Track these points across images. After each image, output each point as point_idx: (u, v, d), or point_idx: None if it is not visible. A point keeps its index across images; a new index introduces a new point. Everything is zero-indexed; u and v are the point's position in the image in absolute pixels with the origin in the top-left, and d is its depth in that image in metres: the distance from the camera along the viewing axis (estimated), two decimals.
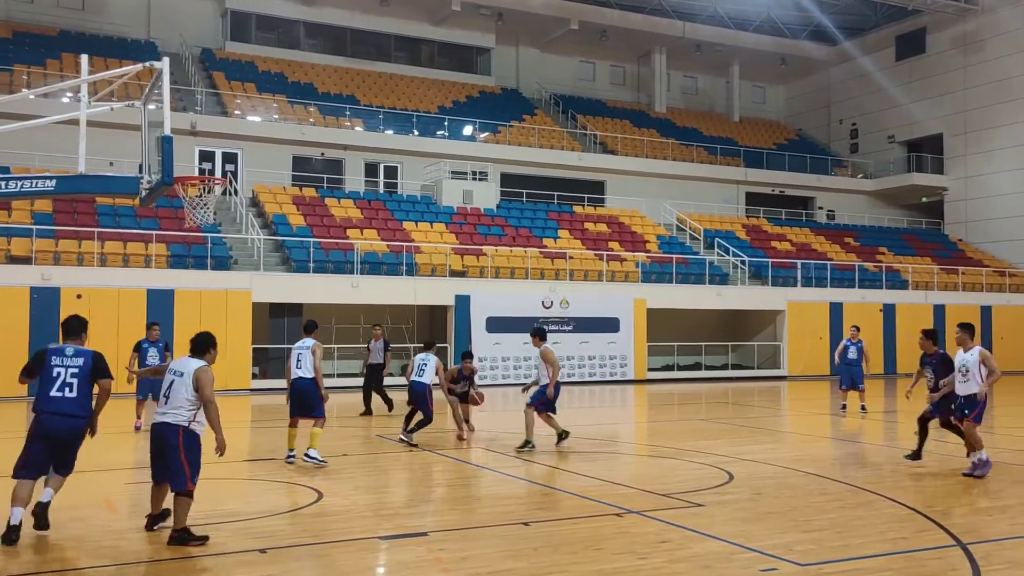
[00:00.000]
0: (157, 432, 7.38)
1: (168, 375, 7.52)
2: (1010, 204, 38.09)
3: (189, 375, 7.37)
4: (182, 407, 7.33)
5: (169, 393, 7.39)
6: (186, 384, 7.35)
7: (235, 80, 33.29)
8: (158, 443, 7.36)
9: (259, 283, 23.01)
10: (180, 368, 7.47)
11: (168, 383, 7.44)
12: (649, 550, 7.12)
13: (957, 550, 7.11)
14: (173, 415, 7.32)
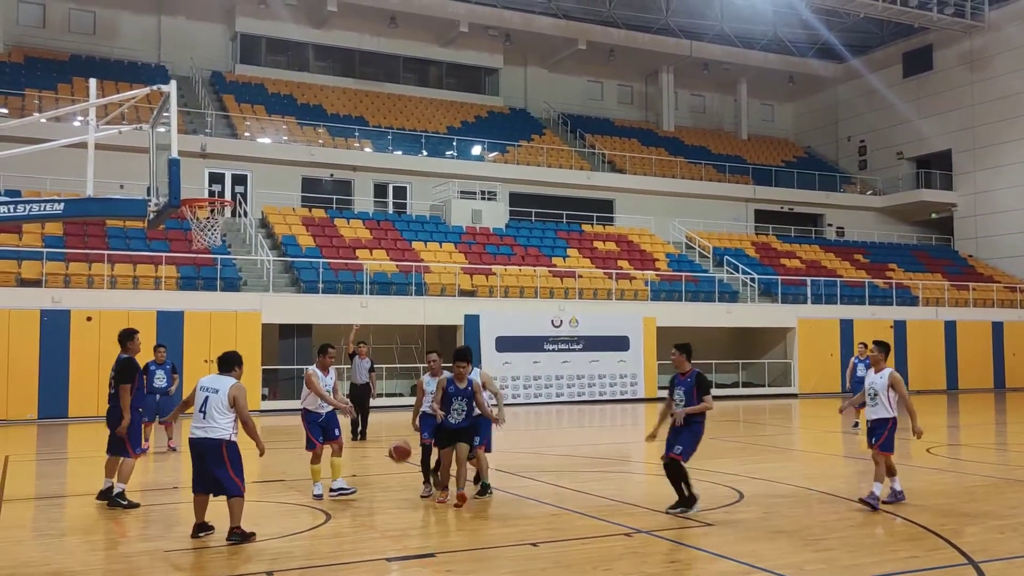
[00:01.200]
0: (199, 446, 7.95)
1: (201, 392, 8.05)
2: (1020, 220, 37.92)
3: (224, 392, 7.98)
4: (220, 421, 7.94)
5: (205, 409, 7.97)
6: (221, 400, 7.96)
7: (245, 102, 33.56)
8: (201, 456, 7.96)
9: (269, 304, 23.07)
10: (214, 385, 8.07)
11: (203, 399, 8.00)
12: (659, 570, 7.07)
13: (969, 569, 7.03)
14: (213, 429, 7.92)
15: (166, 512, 9.81)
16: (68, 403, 20.57)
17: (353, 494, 10.34)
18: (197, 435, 7.96)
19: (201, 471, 7.99)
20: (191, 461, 8.09)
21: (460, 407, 9.64)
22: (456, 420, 9.65)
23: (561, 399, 25.95)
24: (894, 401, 9.79)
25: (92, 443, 17.10)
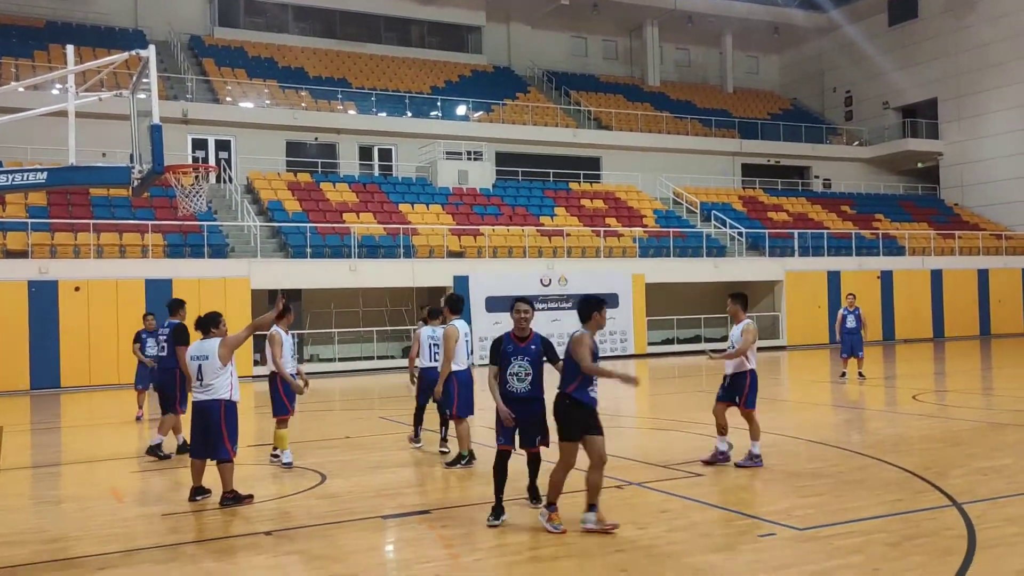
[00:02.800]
0: (199, 409, 8.09)
1: (193, 362, 8.18)
2: (1005, 167, 38.03)
3: (213, 355, 8.08)
4: (215, 383, 8.06)
5: (201, 375, 8.11)
6: (213, 364, 8.08)
7: (225, 66, 33.14)
8: (201, 420, 8.08)
9: (257, 270, 23.03)
10: (202, 353, 8.16)
11: (197, 368, 8.13)
12: (649, 520, 7.20)
13: (953, 510, 7.19)
14: (213, 391, 8.07)
15: (163, 477, 9.90)
16: (60, 373, 20.58)
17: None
18: (200, 399, 8.13)
19: (200, 435, 8.09)
20: (191, 426, 8.21)
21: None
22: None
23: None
24: (752, 355, 9.48)
25: (85, 412, 17.16)
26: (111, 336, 20.82)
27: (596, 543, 6.52)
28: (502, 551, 6.41)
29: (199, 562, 6.40)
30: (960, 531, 6.54)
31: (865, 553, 6.07)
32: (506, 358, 7.23)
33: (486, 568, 6.02)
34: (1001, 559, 5.86)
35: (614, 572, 5.83)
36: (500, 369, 7.26)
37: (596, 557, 6.18)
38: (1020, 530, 6.55)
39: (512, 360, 7.22)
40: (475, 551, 6.44)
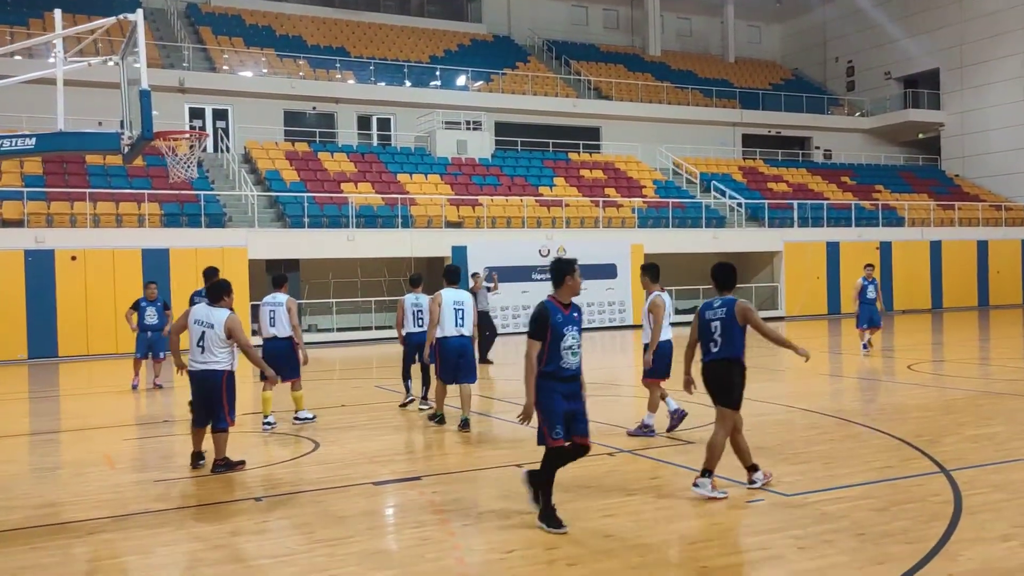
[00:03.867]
0: (200, 378, 8.03)
1: (197, 327, 8.07)
2: (1006, 138, 37.81)
3: (220, 326, 8.01)
4: (219, 354, 8.03)
5: (203, 343, 8.03)
6: (218, 334, 8.01)
7: (222, 35, 32.87)
8: (202, 389, 8.04)
9: (254, 239, 22.99)
10: (208, 319, 8.05)
11: (199, 334, 8.04)
12: (639, 487, 7.24)
13: (941, 477, 7.22)
14: (214, 362, 8.01)
15: (157, 445, 9.95)
16: (57, 343, 20.62)
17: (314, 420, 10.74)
18: (197, 368, 8.05)
19: (202, 403, 8.09)
20: (192, 394, 8.18)
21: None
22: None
23: None
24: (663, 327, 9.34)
25: (82, 381, 17.23)
26: (108, 305, 20.82)
27: (583, 508, 6.56)
28: (492, 517, 6.45)
29: (189, 527, 6.44)
30: (947, 497, 6.57)
31: (851, 518, 6.10)
32: (557, 329, 6.19)
33: (475, 533, 6.06)
34: (986, 524, 5.89)
35: (601, 537, 5.87)
36: (549, 344, 6.22)
37: (584, 522, 6.21)
38: (1006, 496, 6.58)
39: (565, 332, 6.26)
40: (465, 517, 6.47)
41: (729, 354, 6.86)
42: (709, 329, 6.95)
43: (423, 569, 5.38)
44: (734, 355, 6.87)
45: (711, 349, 6.94)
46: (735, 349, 6.85)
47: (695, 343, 7.21)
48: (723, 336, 6.85)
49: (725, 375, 6.88)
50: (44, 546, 6.02)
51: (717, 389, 6.94)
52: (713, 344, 6.91)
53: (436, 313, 10.04)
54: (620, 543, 5.73)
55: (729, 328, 6.85)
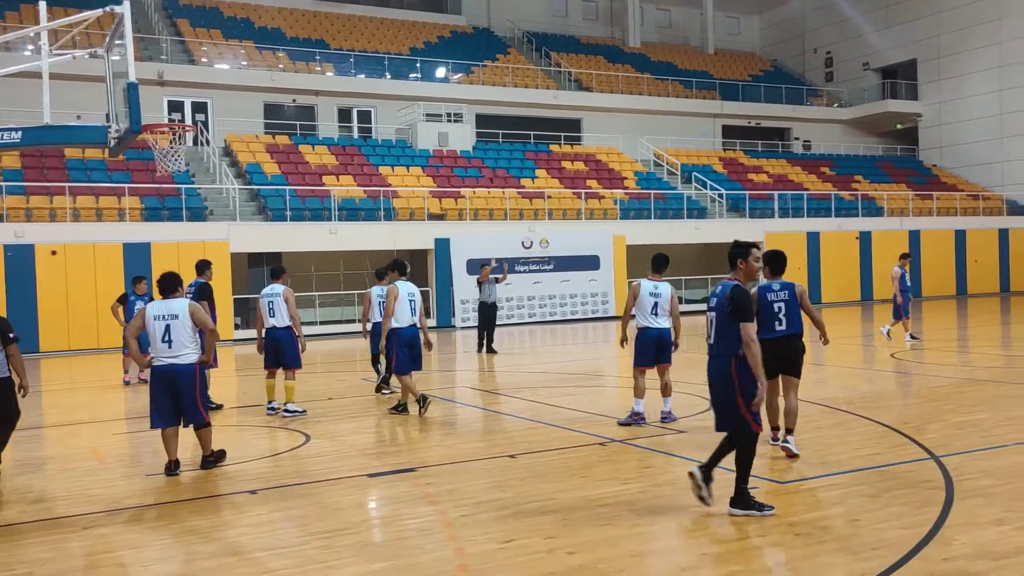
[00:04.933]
0: (168, 375, 7.64)
1: (158, 323, 7.66)
2: (982, 128, 38.23)
3: (185, 315, 7.68)
4: (188, 347, 7.69)
5: (170, 337, 7.63)
6: (185, 324, 7.67)
7: (200, 27, 32.57)
8: (171, 386, 7.66)
9: (236, 233, 22.84)
10: (170, 312, 7.69)
11: (163, 329, 7.64)
12: (633, 475, 7.28)
13: (931, 462, 7.32)
14: (183, 356, 7.67)
15: (145, 440, 9.88)
16: (38, 338, 20.40)
17: (305, 415, 10.83)
18: (166, 363, 7.64)
19: (169, 401, 7.67)
20: (154, 393, 7.73)
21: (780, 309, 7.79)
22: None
23: (533, 319, 26.18)
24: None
25: (65, 377, 17.07)
26: (89, 300, 20.63)
27: (580, 499, 6.59)
28: (487, 507, 6.46)
29: (185, 520, 6.41)
30: (938, 483, 6.66)
31: (845, 505, 6.17)
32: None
33: (471, 524, 6.07)
34: (978, 509, 5.97)
35: (598, 526, 5.90)
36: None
37: (581, 511, 6.25)
38: (995, 481, 6.68)
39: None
40: (461, 507, 6.48)
41: (794, 330, 7.79)
42: (772, 309, 7.76)
43: (422, 560, 5.38)
44: (797, 331, 7.82)
45: (776, 327, 7.74)
46: (797, 326, 7.79)
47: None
48: (787, 315, 7.75)
49: (793, 349, 7.78)
50: (39, 541, 5.97)
51: (786, 361, 7.79)
52: (778, 323, 7.76)
53: (392, 306, 10.26)
54: (618, 532, 5.76)
55: (792, 308, 7.78)
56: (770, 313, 7.73)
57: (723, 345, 6.10)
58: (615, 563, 5.17)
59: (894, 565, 4.95)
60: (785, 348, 7.71)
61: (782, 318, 7.71)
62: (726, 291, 6.16)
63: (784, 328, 7.73)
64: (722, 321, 6.13)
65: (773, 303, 7.75)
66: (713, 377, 6.16)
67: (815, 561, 5.11)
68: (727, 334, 6.06)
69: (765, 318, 7.70)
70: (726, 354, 6.06)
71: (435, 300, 25.35)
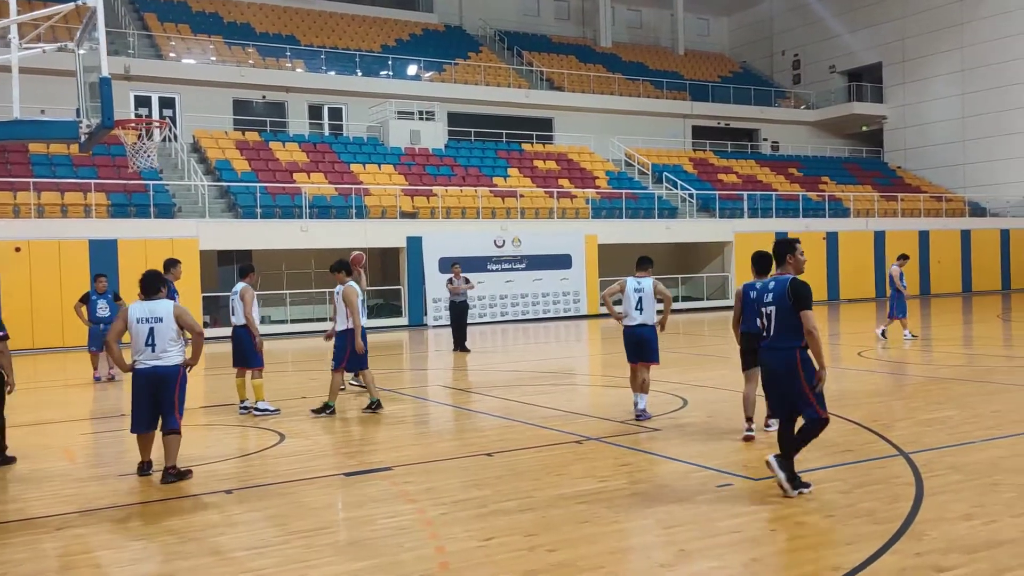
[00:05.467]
0: (153, 378, 7.41)
1: (142, 325, 7.42)
2: (945, 131, 38.92)
3: (169, 318, 7.46)
4: (171, 349, 7.46)
5: (153, 340, 7.40)
6: (169, 327, 7.44)
7: (168, 21, 32.19)
8: (154, 388, 7.43)
9: (205, 230, 22.61)
10: (154, 314, 7.46)
11: (146, 332, 7.40)
12: (610, 473, 7.33)
13: (900, 459, 7.46)
14: (166, 358, 7.44)
15: (115, 439, 9.76)
16: None
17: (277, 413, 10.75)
18: (149, 366, 7.39)
19: (150, 405, 7.45)
20: (137, 395, 7.49)
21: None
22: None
23: (506, 318, 26.21)
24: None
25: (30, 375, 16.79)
26: (54, 298, 20.32)
27: (559, 496, 6.63)
28: (466, 505, 6.48)
29: (160, 521, 6.36)
30: (908, 479, 6.79)
31: (819, 501, 6.27)
32: None
33: (451, 522, 6.09)
34: (947, 504, 6.10)
35: (577, 523, 5.94)
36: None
37: (559, 509, 6.28)
38: (964, 477, 6.82)
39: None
40: (439, 506, 6.49)
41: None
42: (755, 307, 7.85)
43: (402, 559, 5.39)
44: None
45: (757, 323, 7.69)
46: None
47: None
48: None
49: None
50: (12, 542, 5.89)
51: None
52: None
53: (356, 304, 10.39)
54: (598, 529, 5.81)
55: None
56: (751, 310, 8.12)
57: (785, 338, 6.34)
58: (595, 560, 5.22)
59: (868, 559, 5.04)
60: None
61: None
62: (783, 285, 6.37)
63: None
64: (783, 314, 6.34)
65: (754, 302, 8.06)
66: (778, 369, 6.37)
67: (791, 556, 5.19)
68: (789, 326, 6.31)
69: (748, 314, 8.22)
70: (790, 346, 6.31)
71: (407, 299, 25.29)
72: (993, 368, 13.32)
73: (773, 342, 6.42)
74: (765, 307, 6.49)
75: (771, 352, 6.44)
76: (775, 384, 6.45)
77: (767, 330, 6.48)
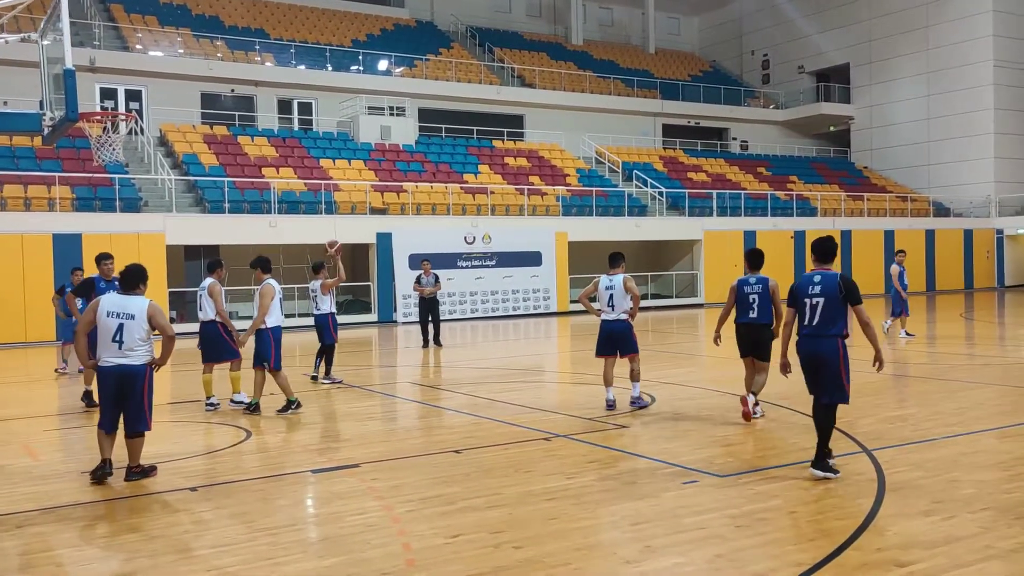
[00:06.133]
0: (118, 376, 7.13)
1: (111, 320, 7.14)
2: (910, 132, 39.49)
3: (142, 316, 7.17)
4: (140, 347, 7.18)
5: (122, 337, 7.12)
6: (140, 326, 7.16)
7: (135, 13, 31.76)
8: (120, 387, 7.15)
9: (172, 225, 22.36)
10: (126, 310, 7.17)
11: (115, 327, 7.12)
12: (578, 470, 7.36)
13: (863, 456, 7.57)
14: (134, 356, 7.16)
15: (79, 436, 9.64)
16: None
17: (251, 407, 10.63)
18: (114, 363, 7.13)
19: (116, 405, 7.21)
20: (104, 393, 7.27)
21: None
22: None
23: (476, 315, 26.20)
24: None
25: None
26: (17, 292, 19.99)
27: (526, 493, 6.65)
28: (434, 502, 6.48)
29: (123, 519, 6.29)
30: (871, 475, 6.89)
31: (783, 497, 6.34)
32: None
33: (418, 519, 6.08)
34: (908, 500, 6.20)
35: (544, 520, 5.96)
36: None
37: (526, 506, 6.30)
38: (925, 474, 6.94)
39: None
40: (407, 503, 6.49)
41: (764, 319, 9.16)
42: (748, 300, 9.10)
43: (369, 556, 5.37)
44: (767, 320, 9.18)
45: (748, 314, 9.14)
46: (767, 316, 9.12)
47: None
48: (759, 306, 9.05)
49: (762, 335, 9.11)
50: None
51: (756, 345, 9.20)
52: (751, 311, 9.14)
53: (267, 306, 10.31)
54: (564, 525, 5.83)
55: (764, 300, 9.10)
56: (745, 303, 9.09)
57: (831, 327, 6.82)
58: (561, 556, 5.24)
59: (831, 555, 5.11)
60: (756, 333, 9.02)
61: (755, 307, 9.00)
62: (833, 280, 6.86)
63: (756, 316, 9.01)
64: (830, 306, 6.81)
65: (749, 295, 9.08)
66: (823, 356, 6.82)
67: (754, 552, 5.24)
68: (836, 317, 6.82)
69: (741, 306, 9.13)
70: (835, 335, 6.82)
71: (377, 295, 25.19)
72: (956, 366, 13.55)
73: (817, 330, 6.86)
74: (811, 298, 6.89)
75: (814, 339, 6.88)
76: (813, 368, 6.92)
77: (809, 319, 6.88)
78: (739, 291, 9.14)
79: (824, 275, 6.93)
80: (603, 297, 10.03)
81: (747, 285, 9.11)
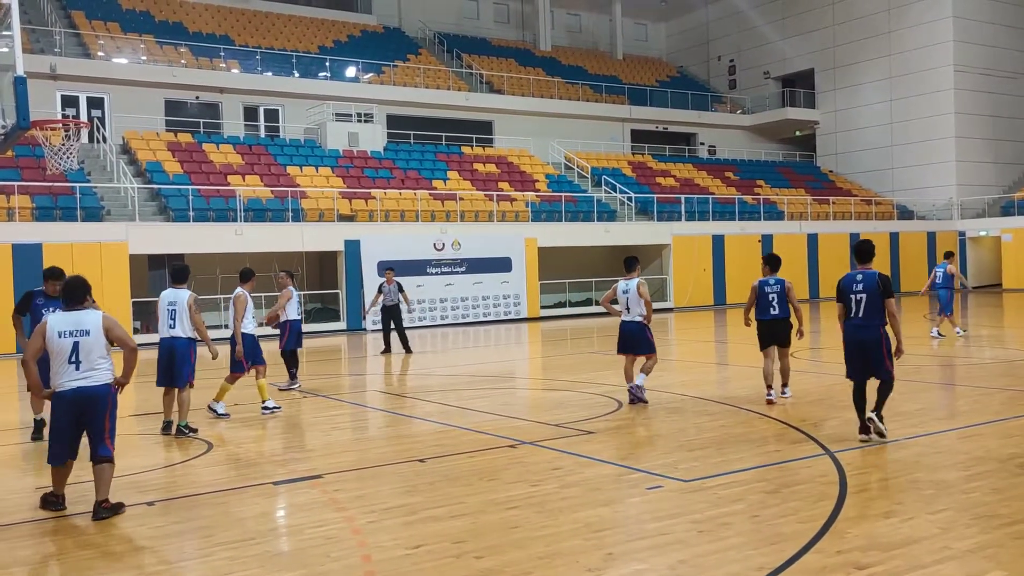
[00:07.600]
0: (79, 398, 6.49)
1: (64, 340, 6.49)
2: (874, 136, 40.02)
3: (98, 330, 6.56)
4: (101, 366, 6.60)
5: (79, 357, 6.49)
6: (98, 341, 6.57)
7: (96, 19, 31.36)
8: (79, 412, 6.52)
9: (135, 234, 22.06)
10: (80, 326, 6.54)
11: (70, 347, 6.47)
12: (542, 477, 7.32)
13: (826, 458, 7.60)
14: (96, 376, 6.55)
15: (34, 450, 9.44)
16: None
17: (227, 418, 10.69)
18: (75, 386, 6.48)
19: (71, 432, 6.58)
20: (59, 422, 6.58)
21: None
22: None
23: (446, 321, 26.11)
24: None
25: None
26: None
27: (490, 502, 6.60)
28: (396, 512, 6.41)
29: (77, 535, 6.15)
30: (833, 478, 6.92)
31: (746, 501, 6.35)
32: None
33: (380, 530, 6.01)
34: (869, 502, 6.23)
35: (507, 529, 5.92)
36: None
37: (490, 514, 6.25)
38: (886, 475, 6.98)
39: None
40: (369, 513, 6.41)
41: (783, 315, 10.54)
42: (768, 299, 10.36)
43: (328, 568, 5.30)
44: (786, 315, 10.54)
45: (770, 312, 10.40)
46: (786, 311, 10.50)
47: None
48: (778, 304, 10.37)
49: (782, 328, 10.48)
50: None
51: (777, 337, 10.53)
52: (772, 309, 10.39)
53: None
54: (526, 534, 5.79)
55: (782, 298, 10.42)
56: (766, 302, 10.39)
57: (875, 318, 8.07)
58: (523, 565, 5.20)
59: (791, 559, 5.11)
60: (777, 327, 10.38)
61: (775, 305, 10.33)
62: (873, 278, 8.12)
63: (777, 313, 10.34)
64: (873, 300, 8.05)
65: (768, 294, 10.39)
66: (869, 340, 8.08)
67: (717, 557, 5.24)
68: (877, 310, 8.06)
69: (762, 305, 10.39)
70: (878, 324, 8.06)
71: (345, 303, 25.02)
72: (919, 367, 13.70)
73: (864, 321, 8.09)
74: (855, 294, 8.14)
75: (863, 329, 8.11)
76: (861, 352, 8.13)
77: (855, 312, 8.12)
78: (760, 291, 10.37)
79: (865, 274, 8.18)
80: (621, 300, 10.73)
81: (767, 286, 10.40)
